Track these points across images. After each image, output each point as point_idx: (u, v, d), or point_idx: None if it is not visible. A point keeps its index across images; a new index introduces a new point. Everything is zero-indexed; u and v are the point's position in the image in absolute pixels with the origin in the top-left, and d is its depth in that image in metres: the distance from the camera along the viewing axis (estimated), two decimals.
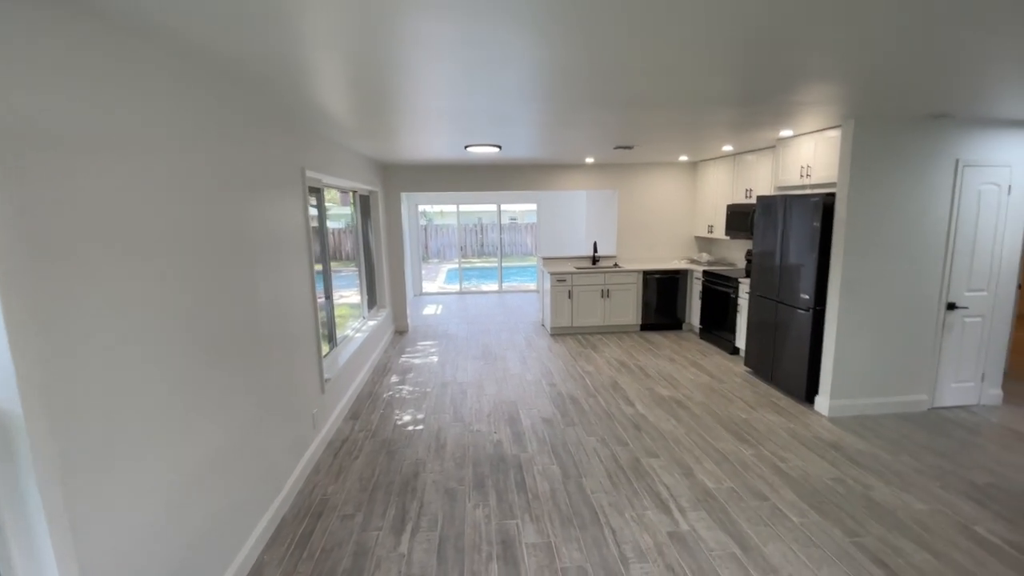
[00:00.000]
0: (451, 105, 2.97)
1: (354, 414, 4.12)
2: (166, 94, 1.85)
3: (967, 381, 4.10)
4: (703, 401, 4.33)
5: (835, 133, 3.96)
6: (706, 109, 3.25)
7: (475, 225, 17.20)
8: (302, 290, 3.24)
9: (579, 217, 9.93)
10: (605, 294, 6.52)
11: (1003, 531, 2.55)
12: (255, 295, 2.54)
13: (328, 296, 4.11)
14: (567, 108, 3.12)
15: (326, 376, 3.63)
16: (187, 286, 1.96)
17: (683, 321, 6.75)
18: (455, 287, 10.76)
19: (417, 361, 5.51)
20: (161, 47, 1.81)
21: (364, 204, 5.82)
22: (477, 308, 8.61)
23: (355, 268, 5.63)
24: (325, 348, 4.08)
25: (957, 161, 3.76)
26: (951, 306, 3.96)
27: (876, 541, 2.51)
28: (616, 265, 6.87)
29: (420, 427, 3.86)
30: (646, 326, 6.73)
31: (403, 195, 9.27)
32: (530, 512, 2.79)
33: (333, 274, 5.24)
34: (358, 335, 4.83)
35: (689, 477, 3.13)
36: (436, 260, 16.99)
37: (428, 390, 4.64)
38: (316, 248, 3.89)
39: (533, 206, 10.41)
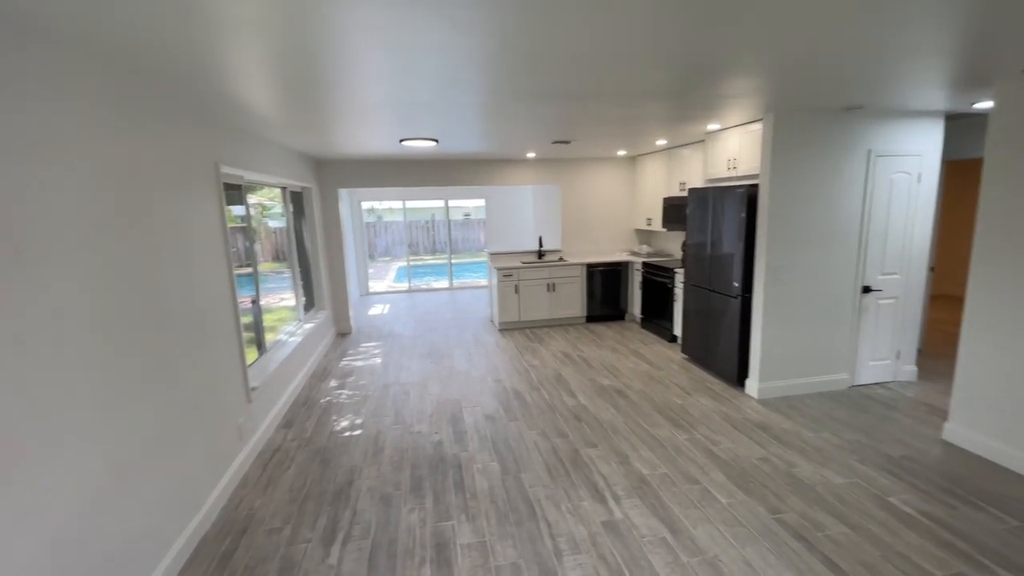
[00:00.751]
0: (376, 96, 2.86)
1: (288, 422, 3.94)
2: (47, 87, 1.66)
3: (883, 359, 4.37)
4: (642, 389, 4.41)
5: (757, 127, 4.10)
6: (637, 103, 3.28)
7: (427, 222, 16.96)
8: (220, 294, 3.05)
9: (527, 212, 9.94)
10: (551, 287, 6.55)
11: (917, 502, 2.72)
12: (162, 300, 2.36)
13: (256, 300, 3.90)
14: (497, 99, 3.07)
15: (253, 385, 3.45)
16: (85, 286, 1.79)
17: (626, 312, 6.89)
18: (404, 286, 10.55)
19: (359, 364, 5.34)
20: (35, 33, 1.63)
21: (297, 201, 5.57)
22: (426, 306, 8.47)
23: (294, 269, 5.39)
24: (254, 355, 3.88)
25: (870, 151, 3.98)
26: (866, 289, 4.20)
27: (797, 517, 2.62)
28: (561, 259, 6.92)
29: (358, 432, 3.74)
30: (591, 318, 6.81)
31: (344, 191, 9.01)
32: (467, 512, 2.74)
33: (275, 276, 5.00)
34: (292, 339, 4.63)
35: (625, 465, 3.17)
36: (387, 258, 16.64)
37: (369, 393, 4.50)
38: (241, 249, 3.68)
39: (482, 201, 10.33)
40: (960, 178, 6.97)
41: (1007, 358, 3.02)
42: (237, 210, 4.81)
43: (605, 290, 6.74)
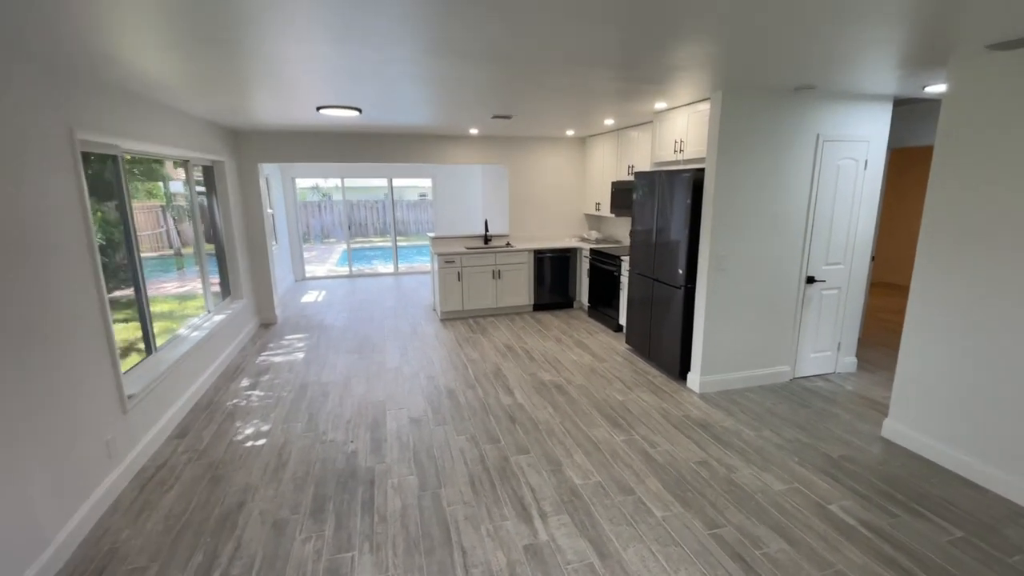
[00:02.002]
0: (274, 49, 2.38)
1: (182, 431, 3.45)
2: None
3: (825, 351, 4.29)
4: (583, 384, 4.16)
5: (705, 107, 3.84)
6: (580, 70, 2.92)
7: (377, 202, 16.18)
8: (79, 291, 2.52)
9: (477, 194, 9.50)
10: (496, 275, 6.20)
11: (857, 510, 2.57)
12: None
13: (139, 291, 3.35)
14: (418, 58, 2.64)
15: (130, 392, 2.94)
16: None
17: (574, 300, 6.64)
18: (346, 270, 9.95)
19: (278, 359, 4.85)
20: None
21: (208, 177, 4.95)
22: (366, 293, 7.96)
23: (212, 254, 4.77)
24: (138, 357, 3.35)
25: (818, 136, 3.80)
26: (810, 280, 4.07)
27: (735, 532, 2.42)
28: (508, 244, 6.57)
29: (261, 442, 3.30)
30: (539, 306, 6.53)
31: (275, 168, 8.29)
32: (372, 540, 2.39)
33: (190, 261, 4.39)
34: (195, 334, 4.09)
35: (557, 474, 2.90)
36: (332, 240, 15.79)
37: (283, 395, 4.05)
38: (107, 234, 3.12)
39: (428, 181, 9.80)
40: (903, 166, 7.08)
41: (949, 356, 2.91)
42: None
43: (553, 277, 6.46)
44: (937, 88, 3.54)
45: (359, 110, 4.17)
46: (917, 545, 2.31)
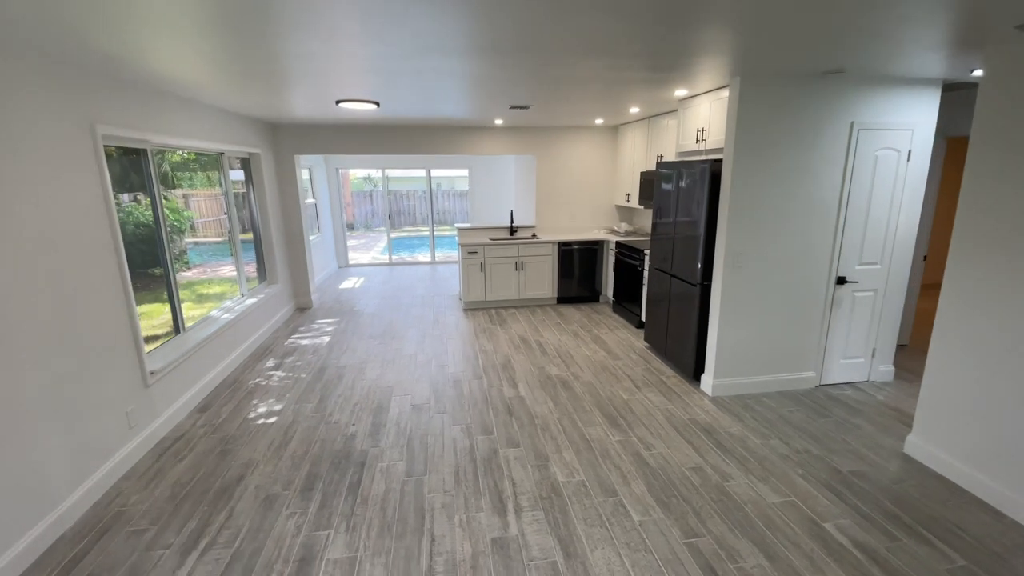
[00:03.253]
0: (292, 47, 2.48)
1: (204, 406, 3.72)
2: None
3: (856, 357, 3.98)
4: (590, 381, 4.10)
5: (728, 93, 3.62)
6: (593, 59, 2.82)
7: (424, 192, 16.51)
8: (105, 278, 2.77)
9: (511, 185, 9.48)
10: (519, 267, 6.20)
11: (854, 531, 2.39)
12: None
13: (168, 275, 3.63)
14: (410, 54, 2.67)
15: (152, 369, 3.21)
16: None
17: (600, 293, 6.52)
18: (387, 258, 10.26)
19: (305, 342, 5.10)
20: None
21: (245, 168, 5.25)
22: (401, 281, 8.19)
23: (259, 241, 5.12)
24: (166, 335, 3.64)
25: (852, 124, 3.49)
26: (841, 280, 3.77)
27: (713, 543, 2.32)
28: (534, 236, 6.53)
29: (271, 420, 3.50)
30: (562, 299, 6.47)
31: (320, 159, 8.65)
32: (349, 520, 2.49)
33: (226, 248, 4.74)
34: (225, 316, 4.38)
35: (542, 470, 2.89)
36: (382, 229, 16.31)
37: (302, 376, 4.26)
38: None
39: (465, 171, 9.88)
40: (961, 157, 6.35)
41: (980, 371, 2.62)
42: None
43: (579, 270, 6.37)
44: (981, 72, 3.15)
45: (377, 104, 4.26)
46: (911, 572, 2.12)
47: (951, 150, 4.66)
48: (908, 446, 3.04)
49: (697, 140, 4.08)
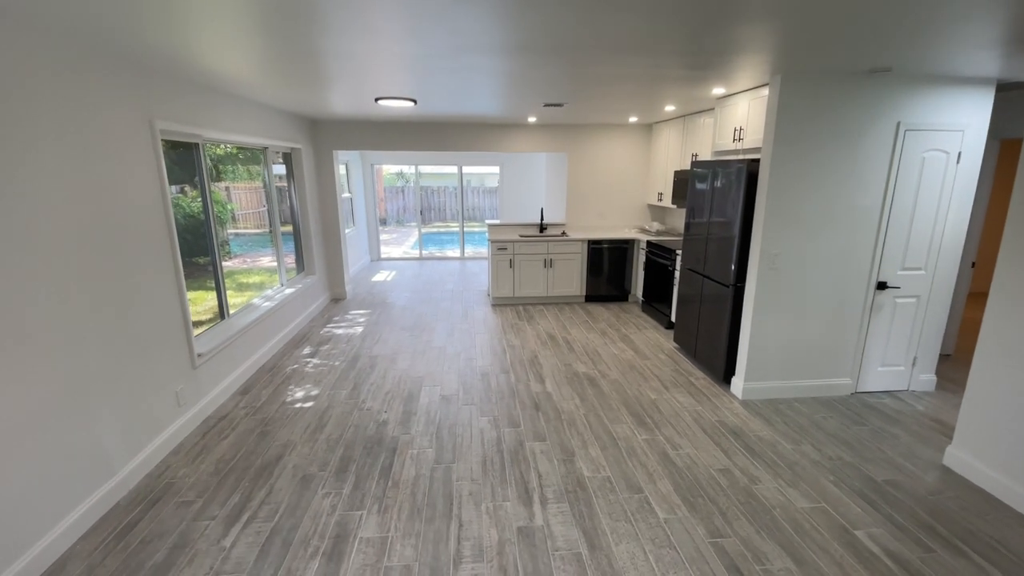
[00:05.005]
0: (335, 46, 2.59)
1: (245, 388, 3.90)
2: None
3: (896, 365, 3.86)
4: (617, 379, 4.10)
5: (768, 92, 3.57)
6: (630, 58, 2.84)
7: (455, 188, 16.68)
8: (159, 266, 2.95)
9: (541, 182, 9.51)
10: (548, 264, 6.23)
11: (887, 540, 2.35)
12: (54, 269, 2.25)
13: (215, 264, 3.81)
14: (447, 53, 2.75)
15: (199, 351, 3.39)
16: None
17: (629, 293, 6.49)
18: (417, 253, 10.44)
19: (339, 331, 5.27)
20: None
21: (287, 162, 5.44)
22: (431, 275, 8.33)
23: (291, 232, 5.32)
24: (212, 321, 3.83)
25: (898, 124, 3.39)
26: (881, 285, 3.67)
27: (738, 544, 2.32)
28: (564, 233, 6.54)
29: (308, 405, 3.65)
30: (591, 297, 6.47)
31: (355, 154, 8.86)
32: (381, 502, 2.59)
33: (265, 239, 4.94)
34: (266, 304, 4.57)
35: (568, 464, 2.93)
36: (412, 224, 16.57)
37: (336, 364, 4.41)
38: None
39: (496, 169, 9.95)
40: (1014, 160, 6.02)
41: None
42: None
43: (609, 268, 6.35)
44: None
45: (414, 101, 4.36)
46: None
47: (1004, 153, 4.45)
48: (948, 457, 2.95)
49: (734, 139, 4.03)
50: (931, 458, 3.02)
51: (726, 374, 3.95)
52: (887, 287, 3.68)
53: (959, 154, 3.51)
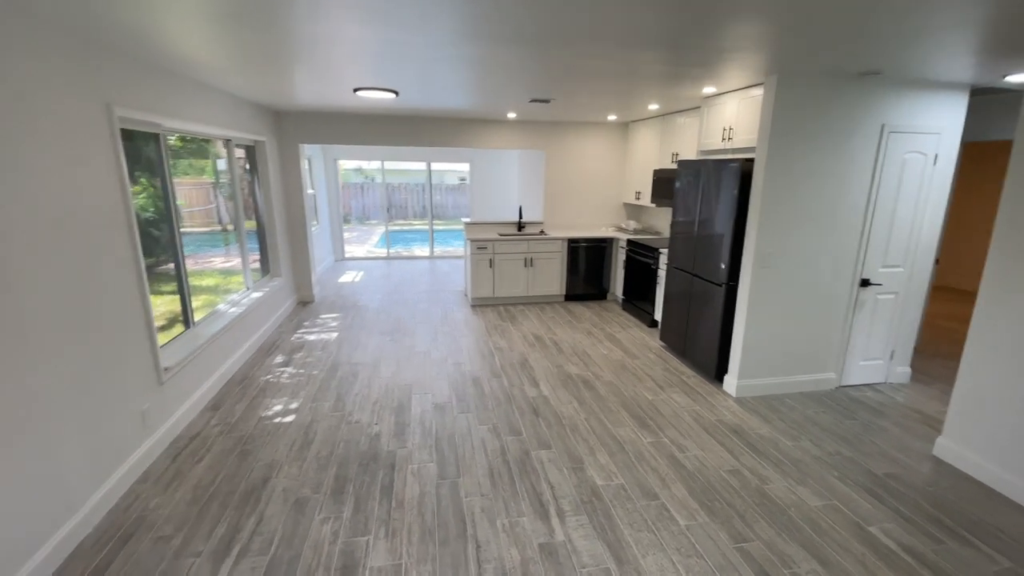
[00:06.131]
0: (314, 29, 2.35)
1: (216, 404, 3.57)
2: None
3: (876, 359, 4.00)
4: (612, 380, 4.05)
5: (758, 92, 3.60)
6: (622, 52, 2.76)
7: (417, 185, 16.28)
8: (120, 269, 2.61)
9: (513, 180, 9.39)
10: (528, 263, 6.12)
11: (899, 533, 2.38)
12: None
13: (179, 267, 3.46)
14: (454, 39, 2.57)
15: (166, 364, 3.05)
16: None
17: (608, 291, 6.48)
18: (384, 252, 10.07)
19: (312, 338, 4.95)
20: None
21: (250, 156, 5.05)
22: (402, 275, 8.04)
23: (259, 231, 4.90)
24: (177, 329, 3.47)
25: (883, 126, 3.49)
26: (864, 283, 3.78)
27: (763, 547, 2.28)
28: (542, 232, 6.45)
29: (289, 419, 3.37)
30: (571, 296, 6.41)
31: (318, 149, 8.43)
32: (388, 525, 2.39)
33: (230, 235, 4.52)
34: (232, 310, 4.21)
35: (578, 472, 2.83)
36: (374, 222, 16.05)
37: (314, 373, 4.12)
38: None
39: (466, 166, 9.74)
40: (977, 162, 6.48)
41: (1017, 373, 2.63)
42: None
43: (587, 268, 6.31)
44: (1018, 78, 3.18)
45: (396, 92, 4.13)
46: (961, 575, 2.12)
47: (967, 155, 4.71)
48: (938, 448, 3.05)
49: (723, 139, 4.04)
50: (921, 449, 3.13)
51: (718, 372, 3.97)
52: (870, 284, 3.80)
53: (936, 156, 3.65)
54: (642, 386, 3.96)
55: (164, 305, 3.36)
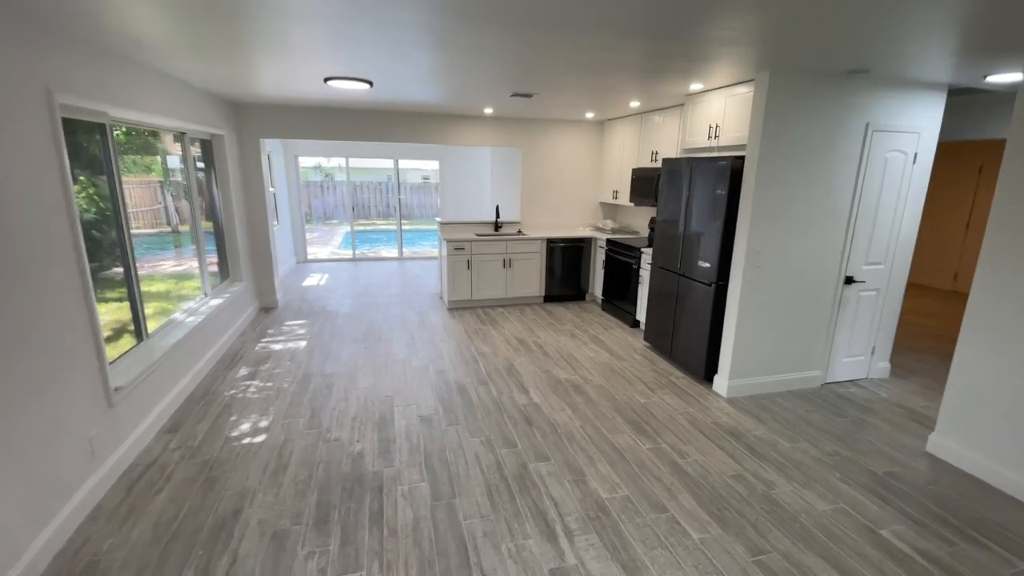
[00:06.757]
0: (271, 7, 2.09)
1: (174, 425, 3.21)
2: None
3: (858, 355, 4.05)
4: (601, 384, 3.92)
5: (745, 89, 3.56)
6: (611, 41, 2.62)
7: (381, 184, 15.80)
8: (61, 274, 2.26)
9: (485, 178, 9.17)
10: (507, 264, 5.93)
11: (912, 536, 2.34)
12: None
13: (129, 273, 3.09)
14: (444, 21, 2.35)
15: (116, 385, 2.70)
16: None
17: (586, 291, 6.38)
18: (349, 253, 9.66)
19: (278, 347, 4.60)
20: None
21: (206, 152, 4.65)
22: (370, 278, 7.70)
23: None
24: (127, 342, 3.10)
25: (867, 125, 3.51)
26: (849, 280, 3.81)
27: (781, 559, 2.19)
28: (520, 232, 6.28)
29: (260, 439, 3.07)
30: (549, 297, 6.27)
31: (278, 144, 7.97)
32: (382, 557, 2.16)
33: (182, 237, 4.11)
34: (190, 319, 3.84)
35: (581, 485, 2.67)
36: (335, 222, 15.47)
37: (284, 386, 3.80)
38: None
39: (435, 163, 9.46)
40: (950, 162, 6.73)
41: (1011, 369, 2.66)
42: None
43: (565, 268, 6.19)
44: (1000, 78, 3.25)
45: (370, 83, 3.86)
46: None
47: (941, 154, 4.86)
48: (931, 445, 3.08)
49: (709, 136, 3.99)
50: (914, 446, 3.14)
51: (707, 372, 3.91)
52: (854, 281, 3.82)
53: (915, 155, 3.71)
54: (633, 389, 3.85)
55: (112, 314, 2.99)
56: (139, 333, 3.22)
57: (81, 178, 2.77)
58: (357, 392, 3.72)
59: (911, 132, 3.64)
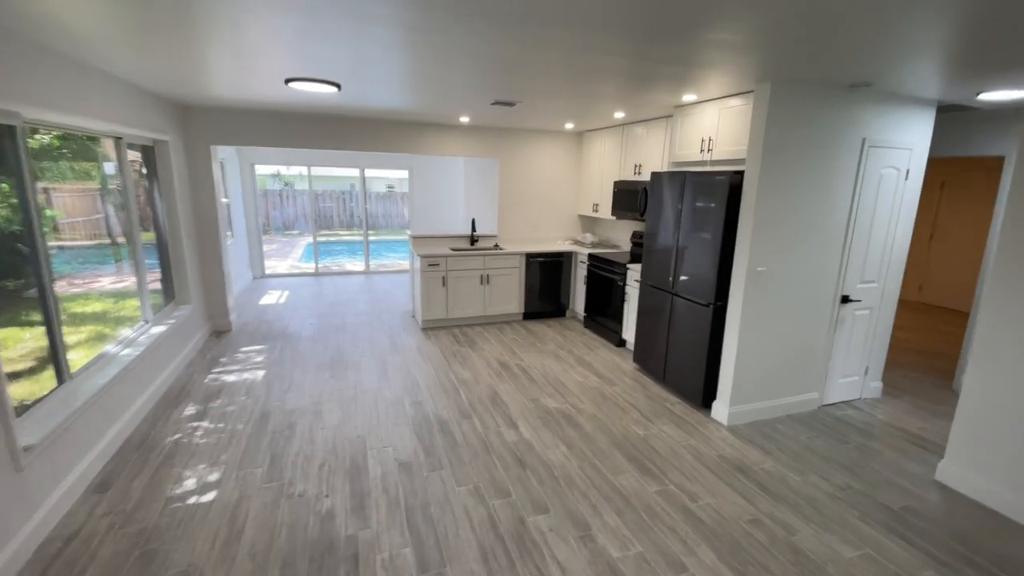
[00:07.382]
0: None
1: (104, 483, 2.71)
2: None
3: (852, 376, 3.93)
4: (595, 414, 3.64)
5: (739, 102, 3.40)
6: (603, 41, 2.36)
7: (344, 193, 15.18)
8: None
9: (458, 190, 8.83)
10: (485, 280, 5.61)
11: None
12: None
13: (45, 300, 2.59)
14: (398, 14, 2.03)
15: (26, 443, 2.21)
16: None
17: (567, 307, 6.12)
18: (311, 267, 9.09)
19: (232, 378, 4.10)
20: None
21: (148, 159, 4.13)
22: (336, 294, 7.20)
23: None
24: (45, 383, 2.59)
25: (864, 141, 3.40)
26: (845, 299, 3.69)
27: None
28: (497, 246, 5.97)
29: (209, 497, 2.61)
30: (529, 314, 5.98)
31: (230, 151, 7.40)
32: None
33: (121, 249, 3.57)
34: (125, 352, 3.32)
35: (588, 543, 2.36)
36: (295, 232, 14.72)
37: (238, 427, 3.34)
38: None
39: (404, 173, 9.04)
40: (936, 178, 6.81)
41: (1023, 395, 2.54)
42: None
43: (545, 283, 5.91)
44: (991, 95, 3.20)
45: (338, 86, 3.48)
46: None
47: (928, 170, 4.87)
48: (940, 473, 2.94)
49: (702, 150, 3.81)
50: (922, 474, 3.01)
51: (704, 398, 3.70)
52: (849, 300, 3.71)
53: (907, 171, 3.64)
54: (628, 419, 3.59)
55: (23, 350, 2.49)
56: (60, 372, 2.71)
57: None
58: (324, 432, 3.30)
59: (904, 148, 3.56)
